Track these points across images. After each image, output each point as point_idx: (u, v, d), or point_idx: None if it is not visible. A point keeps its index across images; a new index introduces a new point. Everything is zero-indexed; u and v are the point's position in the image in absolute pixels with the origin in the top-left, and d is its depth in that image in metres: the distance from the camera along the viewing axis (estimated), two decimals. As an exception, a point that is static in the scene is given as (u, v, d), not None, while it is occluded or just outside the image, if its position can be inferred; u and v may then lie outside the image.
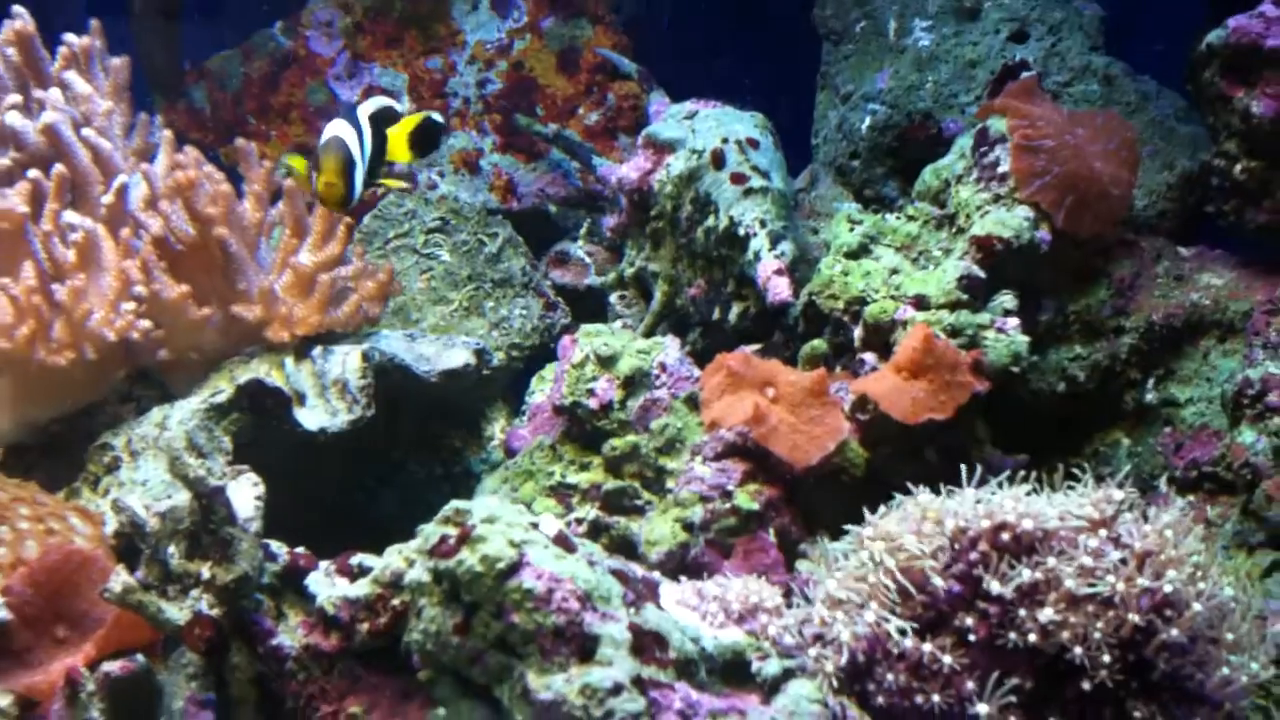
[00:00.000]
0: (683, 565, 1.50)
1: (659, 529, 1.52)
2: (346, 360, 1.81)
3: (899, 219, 1.90)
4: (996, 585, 1.04)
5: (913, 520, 1.12)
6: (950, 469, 1.19)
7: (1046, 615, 1.03)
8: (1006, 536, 1.07)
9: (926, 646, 1.06)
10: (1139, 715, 1.04)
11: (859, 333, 1.76)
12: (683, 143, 2.16)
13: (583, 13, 2.80)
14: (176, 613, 1.16)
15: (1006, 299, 1.73)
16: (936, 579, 1.07)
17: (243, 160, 1.95)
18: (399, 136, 1.73)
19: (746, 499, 1.49)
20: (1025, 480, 1.14)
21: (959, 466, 1.15)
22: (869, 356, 1.73)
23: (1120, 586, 1.02)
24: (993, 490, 1.12)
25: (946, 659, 1.05)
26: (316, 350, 1.84)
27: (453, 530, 1.05)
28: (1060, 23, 2.28)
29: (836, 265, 1.83)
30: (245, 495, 1.24)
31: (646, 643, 1.02)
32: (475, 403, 2.11)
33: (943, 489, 1.15)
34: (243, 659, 1.18)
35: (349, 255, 1.97)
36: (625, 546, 1.59)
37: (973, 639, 1.05)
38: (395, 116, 1.74)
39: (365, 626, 1.12)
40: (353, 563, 1.21)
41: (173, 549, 1.18)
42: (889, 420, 1.55)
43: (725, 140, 2.11)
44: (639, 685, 0.97)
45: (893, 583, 1.08)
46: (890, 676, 1.07)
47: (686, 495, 1.52)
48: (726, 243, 2.04)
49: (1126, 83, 2.20)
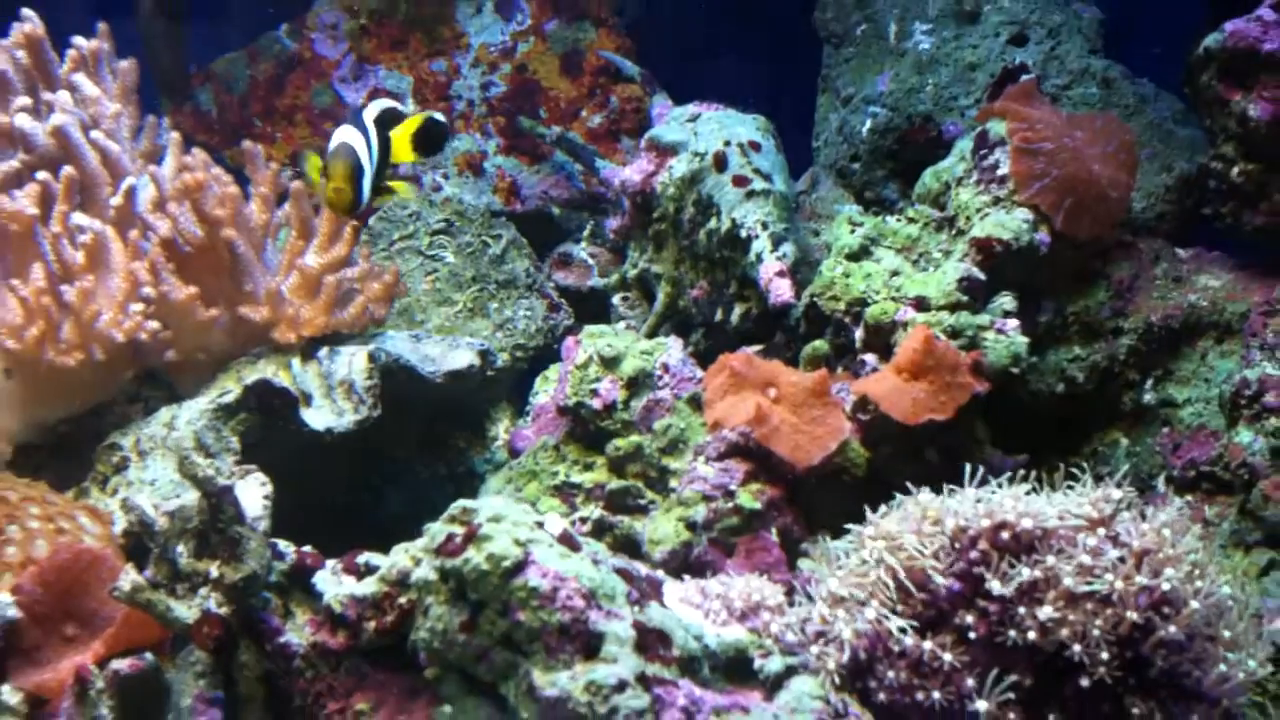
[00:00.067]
0: (686, 564, 1.51)
1: (662, 528, 1.53)
2: (353, 361, 1.81)
3: (899, 221, 1.91)
4: (997, 584, 1.05)
5: (913, 519, 1.13)
6: (950, 469, 1.20)
7: (1046, 613, 1.03)
8: (1006, 535, 1.08)
9: (927, 644, 1.07)
10: (1137, 712, 1.04)
11: (860, 334, 1.77)
12: (685, 145, 2.17)
13: (586, 16, 2.80)
14: (185, 611, 1.17)
15: (1006, 300, 1.74)
16: (937, 577, 1.08)
17: (249, 162, 1.96)
18: (402, 137, 1.74)
19: (749, 498, 1.50)
20: (1025, 480, 1.15)
21: (959, 466, 1.16)
22: (870, 357, 1.74)
23: (1119, 584, 1.03)
24: (993, 490, 1.13)
25: (947, 656, 1.06)
26: (323, 351, 1.85)
27: (459, 529, 1.06)
28: (1059, 26, 2.28)
29: (838, 267, 1.84)
30: (253, 494, 1.25)
31: (650, 640, 1.03)
32: (480, 403, 2.12)
33: (943, 489, 1.16)
34: (251, 657, 1.19)
35: (355, 257, 1.97)
36: (629, 545, 1.60)
37: (973, 636, 1.06)
38: (399, 118, 1.75)
39: (372, 624, 1.13)
40: (359, 561, 1.22)
41: (181, 548, 1.19)
42: (890, 421, 1.55)
43: (727, 143, 2.12)
44: (643, 682, 0.98)
45: (893, 581, 1.09)
46: (891, 674, 1.08)
47: (689, 495, 1.52)
48: (729, 244, 2.05)
49: (1125, 86, 2.20)
